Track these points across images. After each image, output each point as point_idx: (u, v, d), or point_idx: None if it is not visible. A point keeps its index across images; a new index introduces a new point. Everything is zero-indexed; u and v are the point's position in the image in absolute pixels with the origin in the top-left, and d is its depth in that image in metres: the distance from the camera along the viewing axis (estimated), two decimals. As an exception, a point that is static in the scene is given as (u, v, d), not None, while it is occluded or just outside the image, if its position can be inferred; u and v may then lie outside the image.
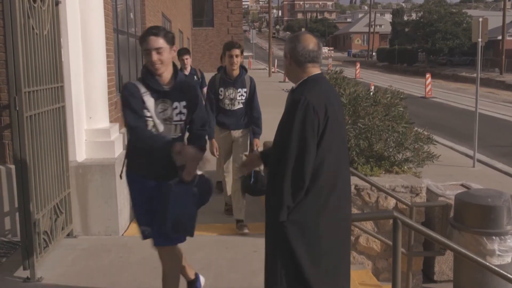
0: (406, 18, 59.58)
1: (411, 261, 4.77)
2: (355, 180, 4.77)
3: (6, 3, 3.61)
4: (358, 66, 36.36)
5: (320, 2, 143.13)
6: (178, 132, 3.11)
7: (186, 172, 2.92)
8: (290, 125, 2.45)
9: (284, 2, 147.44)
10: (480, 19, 9.66)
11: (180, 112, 3.08)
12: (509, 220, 4.08)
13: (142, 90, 3.00)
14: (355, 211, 4.85)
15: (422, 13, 47.53)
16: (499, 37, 36.80)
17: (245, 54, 4.98)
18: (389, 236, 4.48)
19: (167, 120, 3.05)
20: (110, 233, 4.80)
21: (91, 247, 4.52)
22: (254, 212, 5.18)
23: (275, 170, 2.53)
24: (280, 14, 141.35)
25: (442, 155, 6.28)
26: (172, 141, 2.96)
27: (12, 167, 4.38)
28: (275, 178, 2.51)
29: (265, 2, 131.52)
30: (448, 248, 3.73)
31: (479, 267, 3.52)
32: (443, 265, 5.35)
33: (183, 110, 3.09)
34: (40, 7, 4.05)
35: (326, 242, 2.54)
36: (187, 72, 7.02)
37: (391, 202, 5.02)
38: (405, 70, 47.70)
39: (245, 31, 71.06)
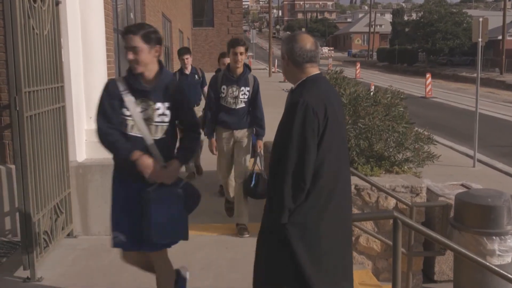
0: (406, 18, 59.58)
1: (411, 261, 4.77)
2: (355, 180, 4.77)
3: (6, 3, 3.61)
4: (358, 66, 36.37)
5: (320, 2, 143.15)
6: (160, 134, 2.97)
7: (165, 175, 2.87)
8: (290, 127, 2.43)
9: (284, 2, 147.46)
10: (480, 19, 9.66)
11: (163, 114, 2.95)
12: (509, 220, 4.08)
13: (122, 89, 2.92)
14: (355, 211, 4.85)
15: (422, 13, 47.54)
16: (499, 37, 36.80)
17: (245, 54, 4.97)
18: (389, 236, 4.48)
19: (147, 120, 2.94)
20: (110, 233, 4.78)
21: (91, 247, 4.52)
22: (254, 212, 5.17)
23: (275, 171, 2.51)
24: (280, 14, 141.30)
25: (442, 155, 6.27)
26: (132, 149, 2.87)
27: (12, 167, 4.38)
28: (276, 180, 2.49)
29: (265, 2, 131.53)
30: (448, 248, 3.73)
31: (479, 267, 3.51)
32: (443, 265, 5.34)
33: (166, 112, 2.96)
34: (40, 7, 4.05)
35: (327, 243, 2.52)
36: (187, 71, 6.95)
37: (391, 202, 5.02)
38: (405, 70, 47.70)
39: (245, 31, 71.04)
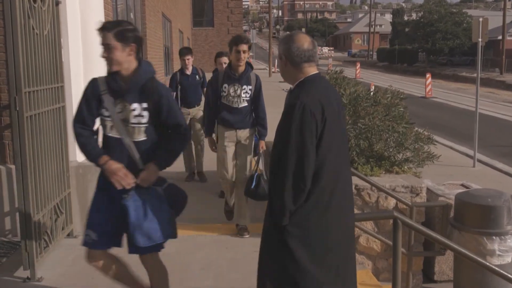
0: (406, 18, 59.57)
1: (411, 261, 4.77)
2: (355, 180, 4.76)
3: (6, 3, 3.61)
4: (358, 66, 36.40)
5: (320, 2, 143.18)
6: (140, 135, 2.87)
7: (139, 178, 2.84)
8: (288, 130, 2.43)
9: (284, 2, 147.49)
10: (480, 19, 9.66)
11: (139, 115, 2.84)
12: (509, 220, 4.08)
13: (102, 88, 2.85)
14: (355, 211, 4.84)
15: (422, 13, 47.53)
16: (499, 37, 36.80)
17: (245, 54, 4.95)
18: (389, 236, 4.48)
19: (124, 121, 2.85)
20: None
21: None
22: (255, 212, 5.17)
23: (275, 172, 2.51)
24: (280, 14, 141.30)
25: (442, 155, 6.27)
26: (100, 154, 2.85)
27: (12, 167, 4.38)
28: (276, 182, 2.48)
29: (265, 2, 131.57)
30: (448, 248, 3.73)
31: (479, 267, 3.51)
32: (443, 265, 5.34)
33: (143, 113, 2.84)
34: (40, 7, 4.05)
35: (328, 244, 2.52)
36: (188, 72, 6.92)
37: (391, 202, 5.02)
38: (405, 70, 47.70)
39: (245, 31, 71.01)
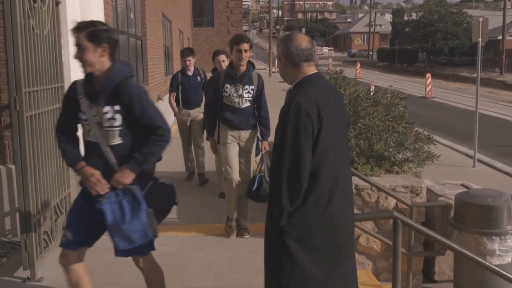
0: (406, 18, 59.55)
1: (411, 261, 4.77)
2: (355, 180, 4.76)
3: (6, 3, 3.61)
4: (358, 66, 36.41)
5: (320, 2, 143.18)
6: (115, 139, 2.78)
7: (112, 180, 2.79)
8: (284, 131, 2.44)
9: (284, 2, 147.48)
10: (480, 19, 9.66)
11: (112, 118, 2.75)
12: (509, 220, 4.08)
13: (79, 92, 2.80)
14: (355, 211, 4.84)
15: (422, 13, 47.52)
16: (499, 37, 36.80)
17: (245, 54, 4.90)
18: (389, 236, 4.48)
19: (99, 125, 2.77)
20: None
21: (91, 247, 4.50)
22: (255, 212, 5.17)
23: (274, 171, 2.52)
24: (280, 14, 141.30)
25: (442, 155, 6.27)
26: (77, 160, 2.82)
27: (12, 167, 4.38)
28: (273, 183, 2.50)
29: (265, 2, 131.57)
30: (448, 248, 3.73)
31: (479, 267, 3.51)
32: (443, 265, 5.34)
33: (116, 116, 2.74)
34: (40, 7, 4.05)
35: (327, 245, 2.51)
36: (190, 73, 6.87)
37: (391, 202, 5.02)
38: (405, 70, 47.70)
39: (245, 31, 71.00)
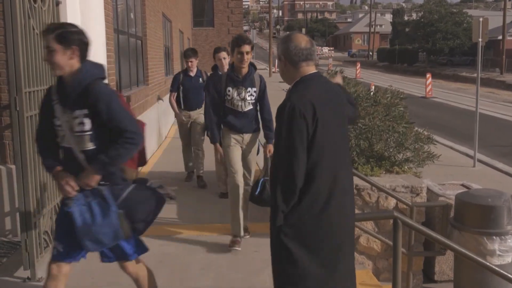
0: (406, 18, 59.59)
1: (411, 261, 4.76)
2: (355, 180, 4.73)
3: (6, 3, 3.61)
4: (358, 66, 36.43)
5: (321, 2, 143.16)
6: (87, 144, 2.70)
7: (81, 181, 2.73)
8: (279, 131, 2.48)
9: (285, 2, 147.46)
10: (481, 19, 9.66)
11: (81, 122, 2.67)
12: (510, 220, 4.08)
13: (54, 97, 2.74)
14: (356, 211, 4.84)
15: (422, 13, 47.53)
16: (500, 37, 36.80)
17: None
18: (389, 236, 4.47)
19: (71, 130, 2.69)
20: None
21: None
22: (255, 212, 5.17)
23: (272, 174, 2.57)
24: (280, 14, 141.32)
25: (442, 155, 6.27)
26: (52, 167, 2.77)
27: (13, 167, 4.38)
28: (270, 183, 2.53)
29: (266, 2, 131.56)
30: (448, 248, 3.73)
31: (479, 267, 3.51)
32: (444, 265, 5.34)
33: (85, 120, 2.67)
34: (41, 7, 4.05)
35: (326, 245, 2.52)
36: (192, 74, 6.82)
37: (392, 202, 5.02)
38: (405, 70, 47.70)
39: (246, 31, 70.98)
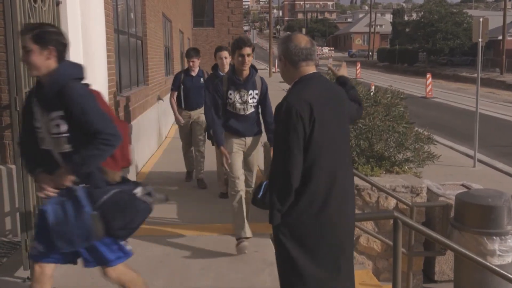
0: (406, 18, 59.60)
1: (411, 261, 4.77)
2: (355, 180, 4.75)
3: (6, 3, 3.61)
4: (358, 66, 36.39)
5: (321, 2, 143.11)
6: (64, 147, 2.65)
7: (49, 180, 2.69)
8: (276, 130, 2.51)
9: (285, 2, 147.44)
10: (481, 19, 9.66)
11: (57, 124, 2.62)
12: (510, 220, 4.08)
13: (33, 99, 2.69)
14: (356, 211, 4.84)
15: (422, 13, 47.53)
16: (500, 37, 36.79)
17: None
18: (389, 236, 4.47)
19: (48, 132, 2.65)
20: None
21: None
22: (255, 212, 5.17)
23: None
24: (280, 14, 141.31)
25: (442, 155, 6.27)
26: (32, 170, 2.73)
27: (13, 167, 4.38)
28: (269, 182, 2.53)
29: (266, 2, 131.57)
30: (448, 248, 3.73)
31: (479, 267, 3.51)
32: (444, 265, 5.34)
33: (60, 122, 2.61)
34: (41, 8, 4.05)
35: (325, 245, 2.52)
36: (194, 73, 6.79)
37: (392, 202, 5.02)
38: (405, 70, 47.68)
39: (246, 31, 71.04)
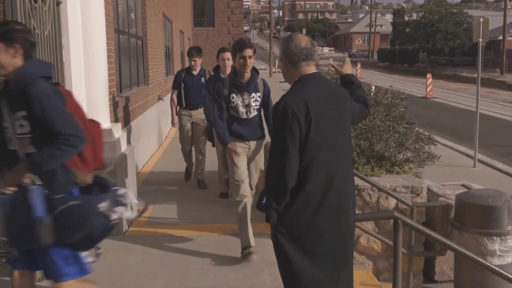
0: (407, 18, 59.68)
1: (411, 261, 4.77)
2: (355, 180, 4.74)
3: (7, 3, 3.62)
4: (359, 66, 36.39)
5: (321, 2, 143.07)
6: (28, 147, 2.61)
7: (6, 177, 2.63)
8: (273, 130, 2.55)
9: (285, 2, 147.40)
10: (481, 19, 9.66)
11: (21, 124, 2.57)
12: (510, 220, 4.08)
13: (3, 99, 2.64)
14: (356, 211, 4.84)
15: (423, 13, 47.55)
16: (500, 37, 36.79)
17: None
18: (389, 236, 4.48)
19: (14, 132, 2.60)
20: (111, 233, 4.77)
21: (92, 247, 4.52)
22: (255, 212, 5.17)
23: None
24: (281, 14, 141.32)
25: (442, 155, 6.28)
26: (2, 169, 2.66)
27: (13, 167, 4.37)
28: (265, 181, 2.56)
29: (266, 2, 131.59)
30: (448, 248, 3.73)
31: (479, 267, 3.51)
32: (444, 265, 5.34)
33: (23, 122, 2.57)
34: (41, 8, 4.06)
35: (321, 245, 2.52)
36: (195, 72, 6.75)
37: (392, 202, 5.02)
38: (406, 70, 47.70)
39: (246, 31, 71.07)
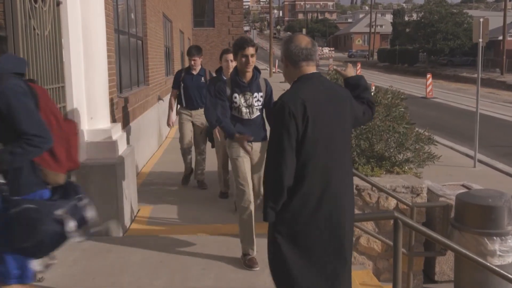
0: (407, 18, 59.65)
1: (411, 262, 4.77)
2: (355, 180, 4.75)
3: (7, 4, 3.62)
4: (359, 66, 36.37)
5: (321, 3, 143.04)
6: None
7: None
8: (271, 129, 2.57)
9: (285, 3, 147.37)
10: (481, 20, 9.66)
11: None
12: (510, 221, 4.08)
13: None
14: (356, 211, 4.85)
15: (423, 13, 47.56)
16: (500, 37, 36.80)
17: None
18: (389, 236, 4.48)
19: None
20: (111, 234, 4.80)
21: (92, 248, 4.52)
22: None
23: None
24: (281, 14, 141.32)
25: (443, 155, 6.27)
26: None
27: (13, 167, 4.37)
28: (264, 180, 2.57)
29: (266, 2, 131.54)
30: (449, 249, 3.73)
31: (480, 268, 3.51)
32: (444, 265, 5.34)
33: None
34: (41, 8, 4.06)
35: (319, 245, 2.51)
36: (195, 72, 6.74)
37: (392, 203, 5.02)
38: (406, 70, 47.69)
39: (246, 31, 71.04)
